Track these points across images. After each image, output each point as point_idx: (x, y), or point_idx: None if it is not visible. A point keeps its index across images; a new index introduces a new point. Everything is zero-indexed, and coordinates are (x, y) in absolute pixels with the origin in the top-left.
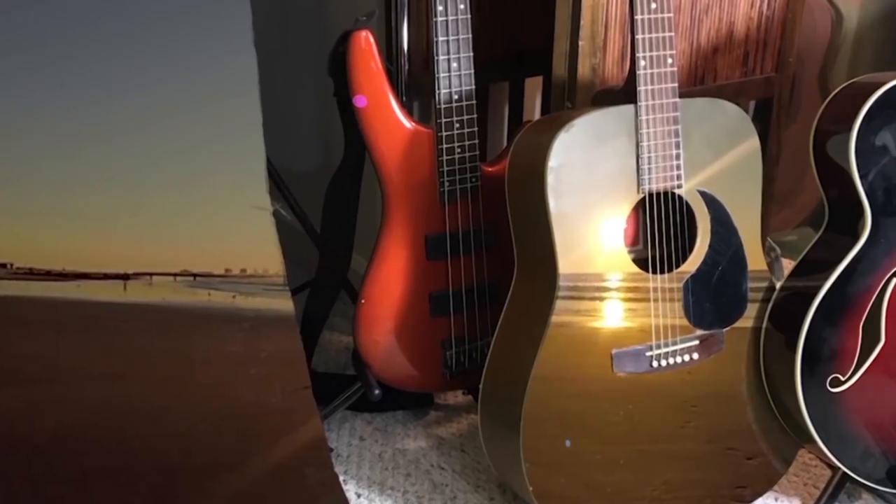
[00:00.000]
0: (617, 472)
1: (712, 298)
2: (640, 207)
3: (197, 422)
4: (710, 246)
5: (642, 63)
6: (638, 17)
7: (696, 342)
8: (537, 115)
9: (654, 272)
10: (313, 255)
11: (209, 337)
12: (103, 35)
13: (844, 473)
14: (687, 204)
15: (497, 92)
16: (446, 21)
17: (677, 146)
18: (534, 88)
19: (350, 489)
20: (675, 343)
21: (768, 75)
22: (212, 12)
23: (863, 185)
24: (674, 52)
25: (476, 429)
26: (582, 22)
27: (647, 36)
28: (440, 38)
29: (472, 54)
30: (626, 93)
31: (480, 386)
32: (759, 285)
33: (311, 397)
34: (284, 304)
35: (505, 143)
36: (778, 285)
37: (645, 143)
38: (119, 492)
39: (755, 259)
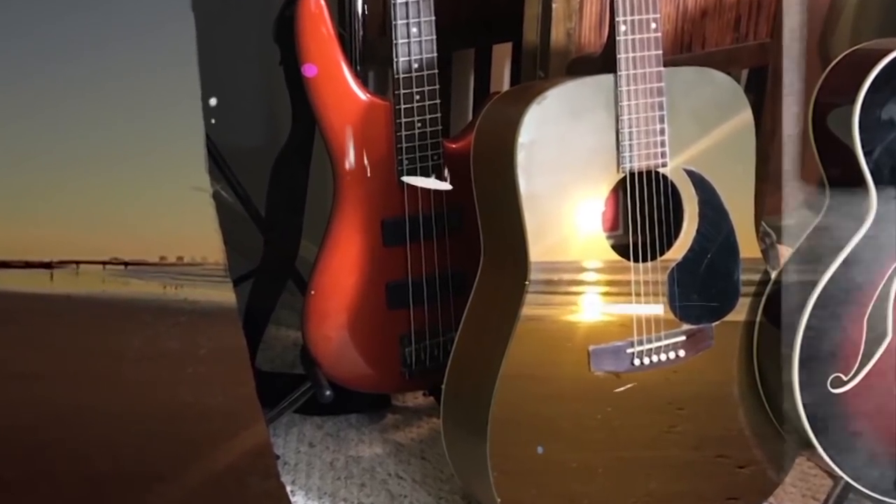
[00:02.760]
0: (595, 482)
1: (700, 289)
2: (620, 188)
3: (128, 426)
4: (697, 231)
5: (623, 28)
6: None
7: (683, 338)
8: (506, 86)
9: (636, 260)
10: (258, 242)
11: (142, 331)
12: None
13: (847, 483)
14: (672, 184)
15: (461, 60)
16: None
17: (661, 120)
18: (502, 56)
19: (298, 501)
20: (658, 339)
21: (762, 41)
22: None
23: (867, 162)
24: (658, 15)
25: (438, 434)
26: None
27: None
28: (398, 0)
29: (433, 18)
30: (604, 61)
31: (443, 386)
32: (753, 276)
33: (255, 399)
34: (226, 295)
35: (470, 117)
36: (773, 275)
37: (626, 117)
38: (41, 503)
39: (748, 246)
